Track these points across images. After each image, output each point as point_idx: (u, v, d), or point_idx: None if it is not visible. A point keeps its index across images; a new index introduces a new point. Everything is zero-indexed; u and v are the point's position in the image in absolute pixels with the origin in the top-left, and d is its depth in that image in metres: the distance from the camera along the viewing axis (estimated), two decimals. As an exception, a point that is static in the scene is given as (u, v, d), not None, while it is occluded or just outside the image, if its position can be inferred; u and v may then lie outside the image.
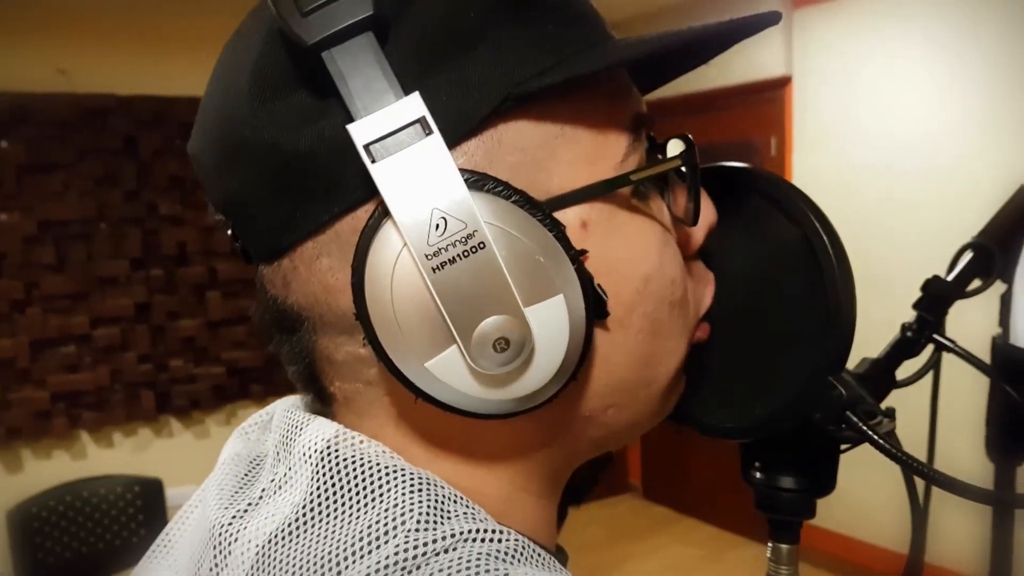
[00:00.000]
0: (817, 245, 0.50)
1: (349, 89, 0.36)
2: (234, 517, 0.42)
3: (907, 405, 0.79)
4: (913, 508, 0.63)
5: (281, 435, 0.44)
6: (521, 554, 0.38)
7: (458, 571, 0.35)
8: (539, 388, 0.39)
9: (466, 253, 0.36)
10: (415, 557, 0.36)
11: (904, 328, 0.71)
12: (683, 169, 0.45)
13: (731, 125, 4.13)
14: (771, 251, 0.53)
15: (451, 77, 0.38)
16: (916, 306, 0.70)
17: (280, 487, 0.42)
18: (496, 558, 0.37)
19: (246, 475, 0.46)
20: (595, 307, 0.40)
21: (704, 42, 0.45)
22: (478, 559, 0.36)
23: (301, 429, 0.43)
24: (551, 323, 0.38)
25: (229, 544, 0.41)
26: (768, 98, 3.93)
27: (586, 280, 0.39)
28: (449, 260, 0.36)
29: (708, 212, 0.48)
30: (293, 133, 0.38)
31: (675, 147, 0.46)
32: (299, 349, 0.43)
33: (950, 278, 0.74)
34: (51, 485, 3.26)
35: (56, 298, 3.44)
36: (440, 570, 0.35)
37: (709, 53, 0.49)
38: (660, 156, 0.46)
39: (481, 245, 0.36)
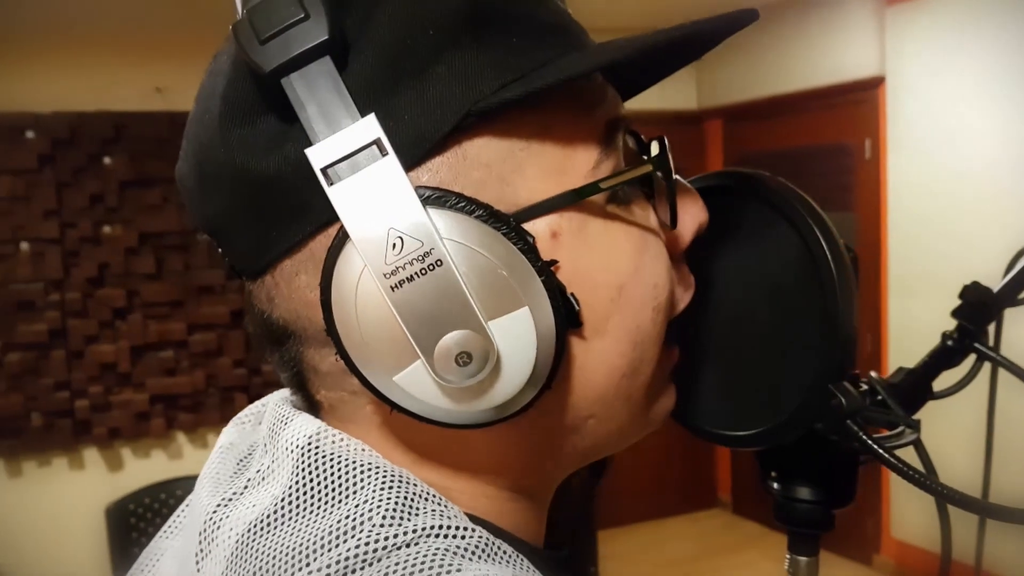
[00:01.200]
0: (816, 252, 0.49)
1: (307, 114, 0.37)
2: (219, 505, 0.43)
3: (963, 421, 0.75)
4: (941, 514, 0.60)
5: (269, 427, 0.45)
6: (484, 551, 0.38)
7: (414, 564, 0.36)
8: (510, 398, 0.39)
9: (423, 271, 0.37)
10: (375, 551, 0.37)
11: (944, 337, 0.67)
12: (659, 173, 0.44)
13: (823, 128, 4.02)
14: (775, 258, 0.52)
15: (411, 97, 0.38)
16: (955, 313, 0.66)
17: (264, 478, 0.43)
18: (455, 554, 0.37)
19: (238, 463, 0.48)
20: (567, 317, 0.39)
21: (676, 46, 0.44)
22: (435, 554, 0.37)
23: (286, 423, 0.44)
24: (517, 335, 0.38)
25: (213, 532, 0.42)
26: (860, 99, 3.81)
27: (555, 290, 0.39)
28: (407, 278, 0.37)
29: (697, 212, 0.47)
30: (261, 158, 0.39)
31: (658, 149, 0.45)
32: (287, 359, 0.44)
33: (1001, 284, 0.70)
34: (148, 483, 3.42)
35: (155, 305, 3.62)
36: (398, 563, 0.36)
37: (692, 53, 0.48)
38: (645, 158, 0.45)
39: (439, 263, 0.37)
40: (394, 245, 0.36)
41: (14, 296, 3.43)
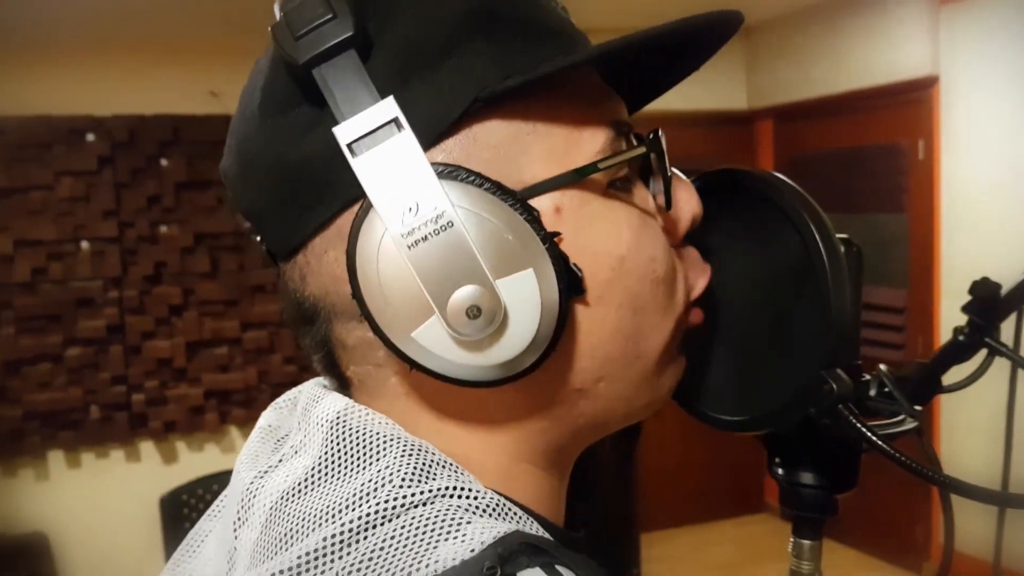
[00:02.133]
0: (808, 242, 0.51)
1: (335, 99, 0.42)
2: (256, 477, 0.47)
3: (982, 417, 0.75)
4: (944, 504, 0.61)
5: (302, 407, 0.49)
6: (494, 510, 0.43)
7: (427, 519, 0.40)
8: (517, 355, 0.43)
9: (436, 232, 0.41)
10: (394, 508, 0.41)
11: (956, 331, 0.68)
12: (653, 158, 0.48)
13: (875, 128, 3.96)
14: (774, 251, 0.54)
15: (427, 86, 0.43)
16: (965, 309, 0.67)
17: (297, 452, 0.47)
18: (467, 511, 0.41)
19: (276, 442, 0.52)
20: (570, 283, 0.43)
21: (667, 41, 0.47)
22: (447, 511, 0.41)
23: (318, 402, 0.48)
24: (522, 294, 0.42)
25: (250, 501, 0.46)
26: (914, 99, 3.74)
27: (557, 258, 0.43)
28: (422, 238, 0.41)
29: (692, 203, 0.51)
30: (295, 144, 0.44)
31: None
32: (318, 338, 0.48)
33: (1019, 280, 0.70)
34: (201, 474, 3.50)
35: (210, 304, 3.73)
36: (413, 519, 0.40)
37: (694, 57, 0.51)
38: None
39: (450, 224, 0.41)
40: (410, 209, 0.41)
41: (75, 293, 3.56)
